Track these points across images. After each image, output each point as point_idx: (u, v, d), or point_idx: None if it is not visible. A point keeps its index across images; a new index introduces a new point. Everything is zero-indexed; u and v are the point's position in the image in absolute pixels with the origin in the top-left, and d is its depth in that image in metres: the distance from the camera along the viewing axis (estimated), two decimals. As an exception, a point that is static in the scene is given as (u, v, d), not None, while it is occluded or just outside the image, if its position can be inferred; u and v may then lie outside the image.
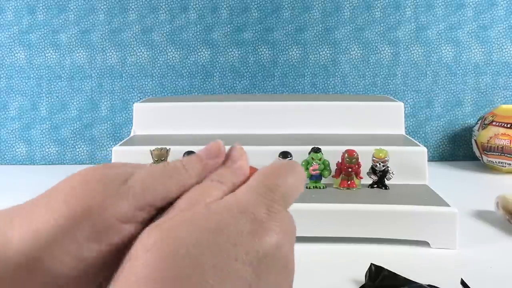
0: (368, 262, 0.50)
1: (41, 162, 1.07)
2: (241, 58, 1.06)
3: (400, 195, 0.66)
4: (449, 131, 1.07)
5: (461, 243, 0.60)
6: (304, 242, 0.61)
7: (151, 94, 1.06)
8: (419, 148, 0.74)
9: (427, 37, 1.05)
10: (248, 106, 0.87)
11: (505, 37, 1.04)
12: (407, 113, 1.03)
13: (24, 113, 1.06)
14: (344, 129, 0.84)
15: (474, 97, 1.06)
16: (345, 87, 1.06)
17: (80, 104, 1.06)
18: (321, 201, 0.64)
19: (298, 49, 1.05)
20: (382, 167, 0.68)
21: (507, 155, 0.92)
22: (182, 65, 1.06)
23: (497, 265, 0.56)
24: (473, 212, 0.72)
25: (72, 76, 1.06)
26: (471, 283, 0.49)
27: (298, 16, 1.05)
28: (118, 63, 1.06)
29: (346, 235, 0.62)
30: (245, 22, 1.05)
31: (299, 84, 1.06)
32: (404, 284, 0.47)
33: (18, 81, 1.05)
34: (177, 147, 0.72)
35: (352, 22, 1.05)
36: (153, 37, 1.05)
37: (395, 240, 0.61)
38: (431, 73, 1.05)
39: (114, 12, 1.04)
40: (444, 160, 1.07)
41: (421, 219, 0.61)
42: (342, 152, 0.69)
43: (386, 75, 1.06)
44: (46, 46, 1.05)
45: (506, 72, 1.05)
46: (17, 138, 1.06)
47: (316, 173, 0.69)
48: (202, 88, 1.07)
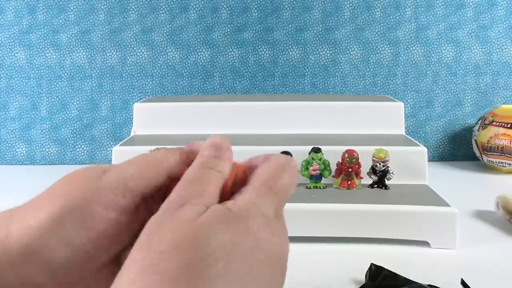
0: (368, 262, 0.51)
1: (41, 162, 1.07)
2: (241, 58, 1.06)
3: (400, 195, 0.66)
4: (449, 131, 1.07)
5: (461, 243, 0.60)
6: (304, 242, 0.61)
7: (151, 94, 1.06)
8: (419, 148, 0.74)
9: (427, 37, 1.05)
10: (248, 106, 0.87)
11: (505, 37, 1.04)
12: (407, 113, 1.03)
13: (24, 113, 1.06)
14: (344, 129, 0.84)
15: (474, 97, 1.06)
16: (345, 87, 1.06)
17: (80, 104, 1.06)
18: (321, 201, 0.64)
19: (298, 49, 1.05)
20: (382, 167, 0.68)
21: (507, 155, 0.92)
22: (182, 65, 1.06)
23: (497, 265, 0.56)
24: (473, 212, 0.72)
25: (72, 76, 1.06)
26: (471, 283, 0.49)
27: (298, 16, 1.05)
28: (118, 63, 1.06)
29: (346, 235, 0.62)
30: (245, 22, 1.05)
31: (299, 84, 1.06)
32: (404, 284, 0.47)
33: (18, 81, 1.05)
34: (177, 147, 0.71)
35: (352, 22, 1.05)
36: (153, 37, 1.05)
37: (395, 240, 0.61)
38: (431, 73, 1.05)
39: (114, 12, 1.04)
40: (444, 160, 1.07)
41: (421, 219, 0.61)
42: (342, 152, 0.69)
43: (386, 75, 1.06)
44: (46, 46, 1.05)
45: (506, 72, 1.05)
46: (17, 138, 1.06)
47: (316, 173, 0.69)
48: (202, 88, 1.07)
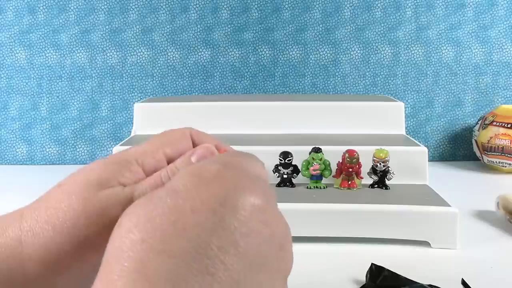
0: (368, 262, 0.50)
1: (42, 162, 1.07)
2: (242, 58, 1.06)
3: (401, 195, 0.66)
4: (449, 131, 1.07)
5: (461, 243, 0.60)
6: (304, 242, 0.61)
7: (151, 94, 1.06)
8: (420, 148, 0.74)
9: (428, 37, 1.05)
10: (249, 106, 0.86)
11: (505, 37, 1.04)
12: (407, 113, 1.03)
13: (24, 113, 1.06)
14: (344, 129, 0.84)
15: (475, 97, 1.06)
16: (345, 87, 1.06)
17: (80, 104, 1.06)
18: (321, 201, 0.64)
19: (298, 49, 1.05)
20: (382, 167, 0.68)
21: (508, 155, 0.92)
22: (183, 65, 1.06)
23: (497, 265, 0.56)
24: (474, 212, 0.72)
25: (73, 76, 1.06)
26: (472, 283, 0.49)
27: (299, 16, 1.05)
28: (119, 63, 1.06)
29: (347, 235, 0.62)
30: (245, 22, 1.05)
31: (300, 84, 1.06)
32: (404, 284, 0.47)
33: (19, 81, 1.05)
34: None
35: (352, 22, 1.04)
36: (154, 37, 1.05)
37: (396, 240, 0.61)
38: (431, 73, 1.05)
39: (115, 12, 1.04)
40: (444, 160, 1.07)
41: (421, 219, 0.61)
42: (343, 152, 0.69)
43: (387, 75, 1.06)
44: (47, 46, 1.05)
45: (506, 72, 1.05)
46: (17, 138, 1.06)
47: (317, 173, 0.69)
48: (202, 88, 1.07)
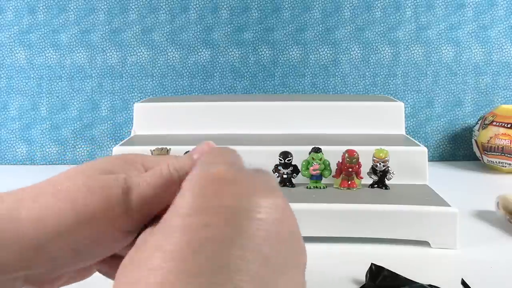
0: (368, 262, 0.50)
1: (42, 162, 1.07)
2: (242, 58, 1.06)
3: (401, 195, 0.66)
4: (449, 131, 1.07)
5: (461, 243, 0.60)
6: (304, 242, 0.61)
7: (151, 94, 1.06)
8: (420, 148, 0.74)
9: (428, 37, 1.05)
10: (248, 106, 0.87)
11: (505, 37, 1.04)
12: (407, 113, 1.03)
13: (24, 113, 1.06)
14: (344, 129, 0.84)
15: (474, 97, 1.06)
16: (345, 87, 1.06)
17: (80, 104, 1.06)
18: (321, 201, 0.64)
19: (298, 49, 1.05)
20: (382, 167, 0.68)
21: (508, 155, 0.92)
22: (183, 65, 1.06)
23: (497, 265, 0.56)
24: (474, 212, 0.72)
25: (73, 76, 1.06)
26: (472, 283, 0.49)
27: (299, 16, 1.05)
28: (119, 63, 1.06)
29: (347, 235, 0.62)
30: (245, 22, 1.05)
31: (300, 84, 1.06)
32: (404, 284, 0.47)
33: (18, 81, 1.05)
34: (177, 147, 0.71)
35: (352, 22, 1.05)
36: (154, 37, 1.05)
37: (396, 240, 0.61)
38: (431, 73, 1.05)
39: (115, 12, 1.04)
40: (444, 160, 1.07)
41: (421, 219, 0.61)
42: (343, 152, 0.69)
43: (386, 75, 1.06)
44: (47, 46, 1.05)
45: (506, 72, 1.05)
46: (17, 138, 1.06)
47: (317, 173, 0.69)
48: (202, 88, 1.07)
